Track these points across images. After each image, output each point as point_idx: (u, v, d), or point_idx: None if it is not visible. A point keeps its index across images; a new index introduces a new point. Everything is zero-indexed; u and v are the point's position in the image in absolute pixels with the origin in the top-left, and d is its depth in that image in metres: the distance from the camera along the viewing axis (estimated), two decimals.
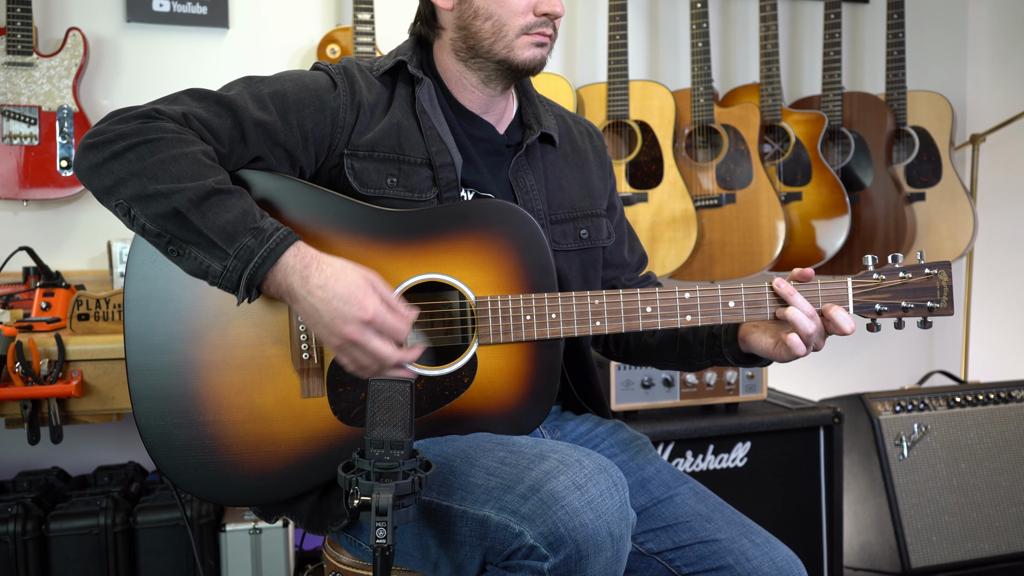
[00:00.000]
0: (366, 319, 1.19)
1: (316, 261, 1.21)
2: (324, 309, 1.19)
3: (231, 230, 1.18)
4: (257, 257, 1.18)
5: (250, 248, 1.18)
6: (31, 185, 2.41)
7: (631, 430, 1.57)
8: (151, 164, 1.19)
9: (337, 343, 1.21)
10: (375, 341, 1.21)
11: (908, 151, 3.07)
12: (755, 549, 1.35)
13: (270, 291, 1.22)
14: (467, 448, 1.29)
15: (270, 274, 1.20)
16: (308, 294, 1.19)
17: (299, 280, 1.19)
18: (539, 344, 1.36)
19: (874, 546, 2.68)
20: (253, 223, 1.19)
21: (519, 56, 1.40)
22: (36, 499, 2.16)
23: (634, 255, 1.66)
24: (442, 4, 1.41)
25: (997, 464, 2.69)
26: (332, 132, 1.37)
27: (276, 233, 1.19)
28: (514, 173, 1.47)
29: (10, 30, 2.38)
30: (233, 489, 1.30)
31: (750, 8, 3.20)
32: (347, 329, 1.19)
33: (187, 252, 1.20)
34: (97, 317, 1.93)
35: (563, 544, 1.11)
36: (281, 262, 1.19)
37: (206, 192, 1.18)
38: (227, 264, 1.18)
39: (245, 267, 1.18)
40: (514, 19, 1.38)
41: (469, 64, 1.43)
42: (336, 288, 1.19)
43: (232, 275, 1.19)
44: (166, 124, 1.23)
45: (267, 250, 1.18)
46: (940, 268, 1.38)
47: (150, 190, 1.18)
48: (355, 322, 1.19)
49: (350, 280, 1.20)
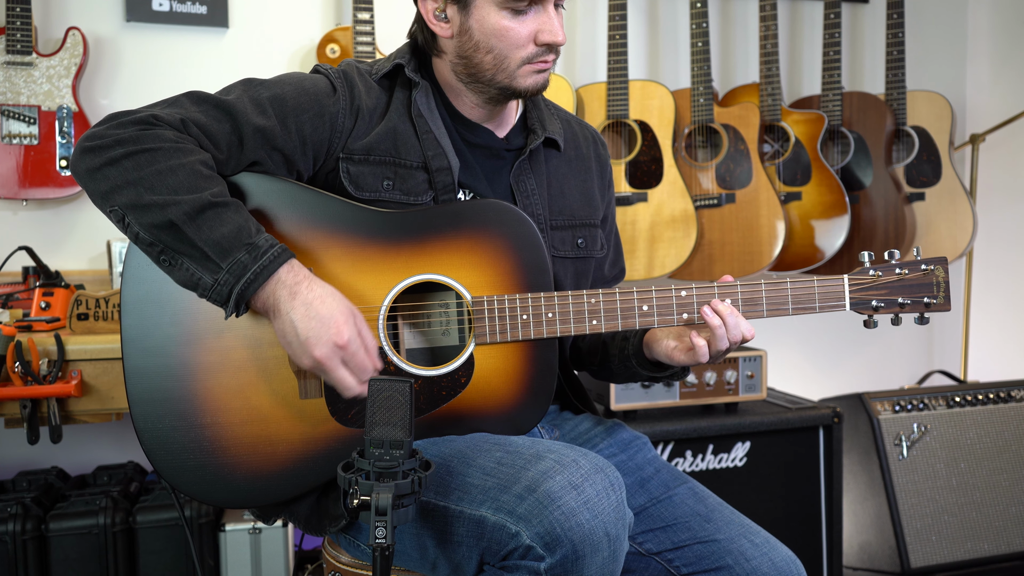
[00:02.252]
0: (340, 343, 1.19)
1: (308, 280, 1.22)
2: (302, 327, 1.19)
3: (225, 244, 1.18)
4: (249, 273, 1.18)
5: (243, 263, 1.18)
6: (31, 185, 2.41)
7: (630, 430, 1.57)
8: (148, 174, 1.19)
9: (307, 363, 1.21)
10: (341, 370, 1.21)
11: (908, 151, 3.06)
12: (754, 549, 1.35)
13: (255, 305, 1.22)
14: (464, 448, 1.29)
15: (260, 291, 1.20)
16: (291, 309, 1.20)
17: (287, 295, 1.20)
18: (536, 344, 1.36)
19: (873, 546, 2.68)
20: (248, 239, 1.19)
21: (521, 84, 1.39)
22: (35, 499, 2.16)
23: (614, 269, 1.66)
24: (441, 33, 1.40)
25: (997, 464, 2.69)
26: (331, 137, 1.36)
27: (271, 250, 1.20)
28: (516, 177, 1.46)
29: (9, 29, 2.38)
30: (231, 491, 1.30)
31: (750, 8, 3.20)
32: (318, 351, 1.19)
33: (179, 263, 1.20)
34: (96, 317, 1.93)
35: (559, 544, 1.11)
36: (272, 279, 1.20)
37: (202, 205, 1.18)
38: (219, 278, 1.19)
39: (236, 282, 1.18)
40: (515, 52, 1.36)
41: (470, 87, 1.42)
42: (320, 309, 1.20)
43: (223, 289, 1.19)
44: (164, 132, 1.23)
45: (260, 267, 1.19)
46: (936, 264, 1.38)
47: (146, 200, 1.18)
48: (328, 345, 1.19)
49: (334, 306, 1.21)
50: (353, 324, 1.22)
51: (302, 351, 1.20)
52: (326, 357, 1.20)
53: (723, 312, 1.33)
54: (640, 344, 1.45)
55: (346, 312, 1.21)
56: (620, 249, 1.68)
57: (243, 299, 1.19)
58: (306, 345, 1.19)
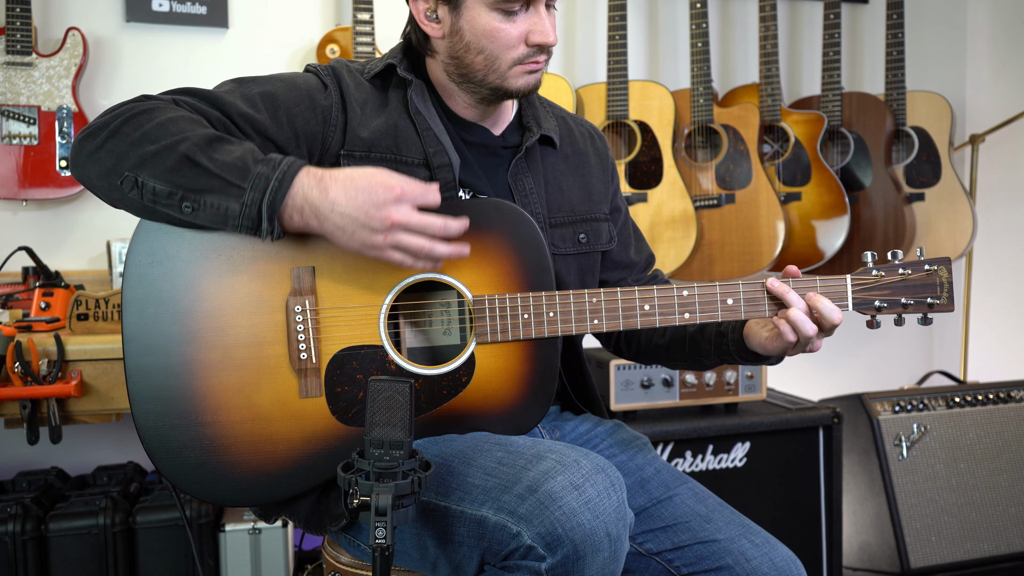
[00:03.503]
0: (397, 195, 1.17)
1: (329, 174, 1.20)
2: (353, 209, 1.17)
3: (241, 164, 1.18)
4: (273, 181, 1.17)
5: (264, 176, 1.18)
6: (30, 185, 2.41)
7: (630, 430, 1.57)
8: (149, 129, 1.21)
9: (381, 238, 1.18)
10: (416, 215, 1.19)
11: (907, 151, 3.06)
12: (754, 549, 1.35)
13: (293, 220, 1.20)
14: (465, 448, 1.29)
15: (288, 199, 1.18)
16: (332, 204, 1.18)
17: (319, 194, 1.18)
18: (537, 343, 1.36)
19: (873, 546, 2.68)
20: (260, 156, 1.21)
21: (513, 85, 1.38)
22: (35, 499, 2.16)
23: (641, 255, 1.65)
24: (432, 33, 1.40)
25: (996, 464, 2.69)
26: (324, 130, 1.36)
27: (284, 160, 1.20)
28: (513, 176, 1.46)
29: (9, 30, 2.38)
30: (232, 489, 1.30)
31: (749, 8, 3.19)
32: (383, 213, 1.17)
33: (203, 201, 1.19)
34: (96, 317, 1.93)
35: (560, 544, 1.11)
36: (296, 182, 1.18)
37: (210, 137, 1.21)
38: (244, 199, 1.18)
39: (263, 196, 1.17)
40: (506, 53, 1.35)
41: (462, 87, 1.42)
42: (358, 183, 1.18)
43: (252, 209, 1.18)
44: (156, 101, 1.26)
45: (280, 173, 1.18)
46: (940, 264, 1.37)
47: (153, 149, 1.19)
48: (389, 204, 1.17)
49: (366, 174, 1.19)
50: (391, 176, 1.19)
51: (371, 231, 1.18)
52: (396, 213, 1.17)
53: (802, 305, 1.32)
54: (741, 339, 1.44)
55: (379, 173, 1.19)
56: (641, 235, 1.67)
57: (274, 211, 1.18)
58: (369, 221, 1.17)
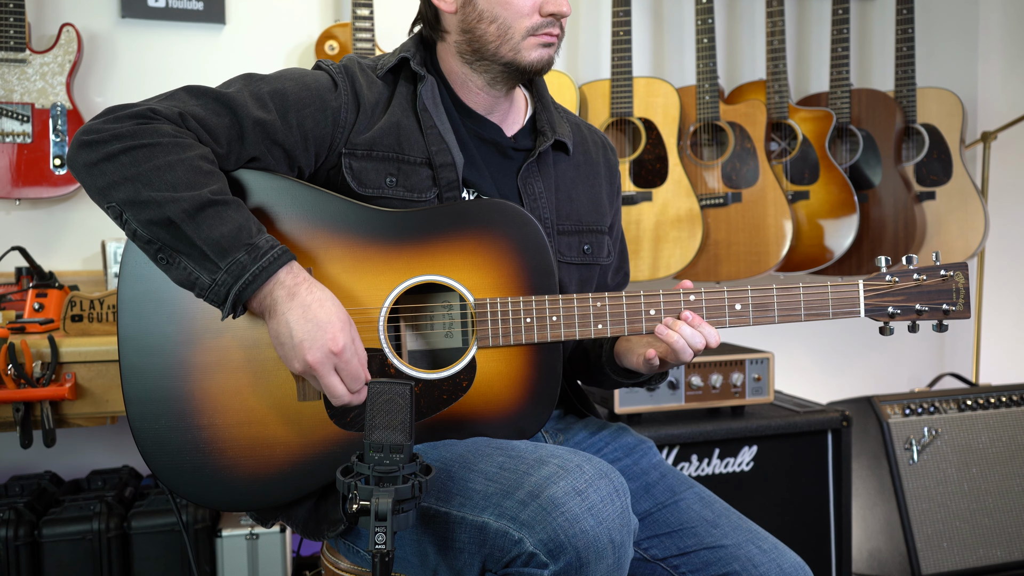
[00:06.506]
0: (335, 350, 1.19)
1: (307, 283, 1.21)
2: (298, 329, 1.18)
3: (225, 244, 1.17)
4: (248, 274, 1.17)
5: (242, 264, 1.17)
6: (24, 184, 2.40)
7: (635, 434, 1.56)
8: (146, 170, 1.18)
9: (298, 367, 1.20)
10: (333, 377, 1.21)
11: (918, 149, 3.05)
12: (762, 555, 1.34)
13: (252, 305, 1.21)
14: (466, 453, 1.28)
15: (258, 290, 1.19)
16: (288, 311, 1.19)
17: (285, 296, 1.19)
18: (540, 347, 1.35)
19: (884, 552, 2.66)
20: (248, 239, 1.18)
21: (526, 58, 1.38)
22: (28, 504, 2.15)
23: (617, 276, 1.65)
24: (444, 7, 1.39)
25: (1009, 468, 2.68)
26: (333, 132, 1.35)
27: (271, 251, 1.19)
28: (523, 179, 1.46)
29: (2, 26, 2.37)
30: (228, 493, 1.30)
31: (756, 4, 3.18)
32: (311, 355, 1.18)
33: (177, 261, 1.20)
34: (91, 318, 1.92)
35: (563, 551, 1.10)
36: (273, 278, 1.19)
37: (202, 203, 1.17)
38: (216, 278, 1.18)
39: (235, 283, 1.17)
40: (519, 21, 1.35)
41: (475, 67, 1.41)
42: (317, 313, 1.19)
43: (220, 289, 1.18)
44: (163, 126, 1.22)
45: (259, 268, 1.18)
46: (956, 270, 1.35)
47: (144, 196, 1.17)
48: (323, 350, 1.18)
49: (332, 311, 1.20)
50: (349, 333, 1.21)
51: (294, 354, 1.19)
52: (319, 362, 1.19)
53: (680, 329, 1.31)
54: (612, 351, 1.44)
55: (343, 319, 1.21)
56: (625, 255, 1.68)
57: (240, 300, 1.18)
58: (299, 348, 1.18)
